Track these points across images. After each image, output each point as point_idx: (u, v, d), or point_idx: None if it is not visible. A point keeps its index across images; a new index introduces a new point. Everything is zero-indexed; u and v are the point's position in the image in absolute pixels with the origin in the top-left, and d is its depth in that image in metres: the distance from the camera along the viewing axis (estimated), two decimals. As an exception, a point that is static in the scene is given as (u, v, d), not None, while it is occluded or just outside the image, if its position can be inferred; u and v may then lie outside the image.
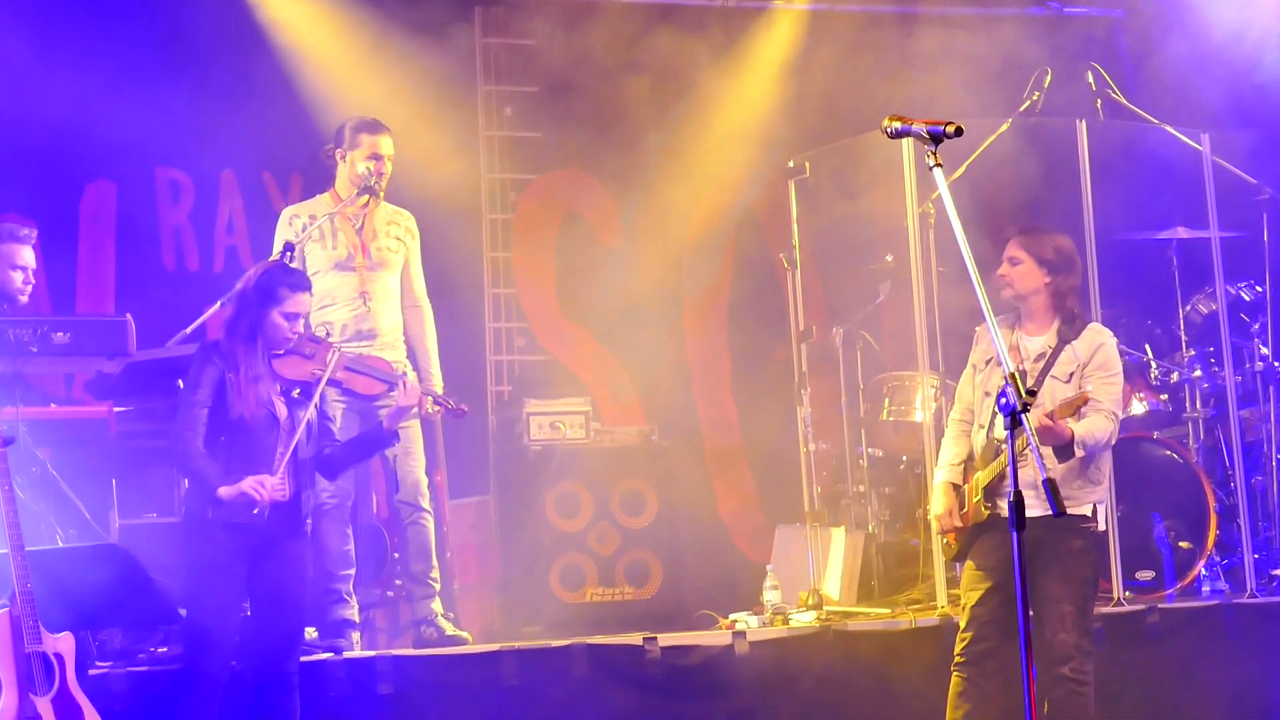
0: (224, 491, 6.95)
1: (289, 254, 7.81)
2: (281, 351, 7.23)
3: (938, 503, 7.33)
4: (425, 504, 8.62)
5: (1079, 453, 6.92)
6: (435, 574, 8.62)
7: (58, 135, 9.87)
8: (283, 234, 8.54)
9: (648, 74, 10.98)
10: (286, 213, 8.64)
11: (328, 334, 8.29)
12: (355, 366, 7.45)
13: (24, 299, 8.37)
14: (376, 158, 8.59)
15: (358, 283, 8.51)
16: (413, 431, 8.62)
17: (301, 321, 7.27)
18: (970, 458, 7.25)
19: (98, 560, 6.95)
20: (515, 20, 11.26)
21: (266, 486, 6.95)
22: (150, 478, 8.77)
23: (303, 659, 7.88)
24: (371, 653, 8.29)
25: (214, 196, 10.56)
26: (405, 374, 7.36)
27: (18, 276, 8.33)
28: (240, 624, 7.34)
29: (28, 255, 8.37)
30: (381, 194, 8.64)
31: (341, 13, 10.60)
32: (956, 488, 7.28)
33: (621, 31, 10.85)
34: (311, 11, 10.54)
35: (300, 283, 7.24)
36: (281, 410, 7.18)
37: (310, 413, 7.24)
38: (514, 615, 9.58)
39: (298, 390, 7.26)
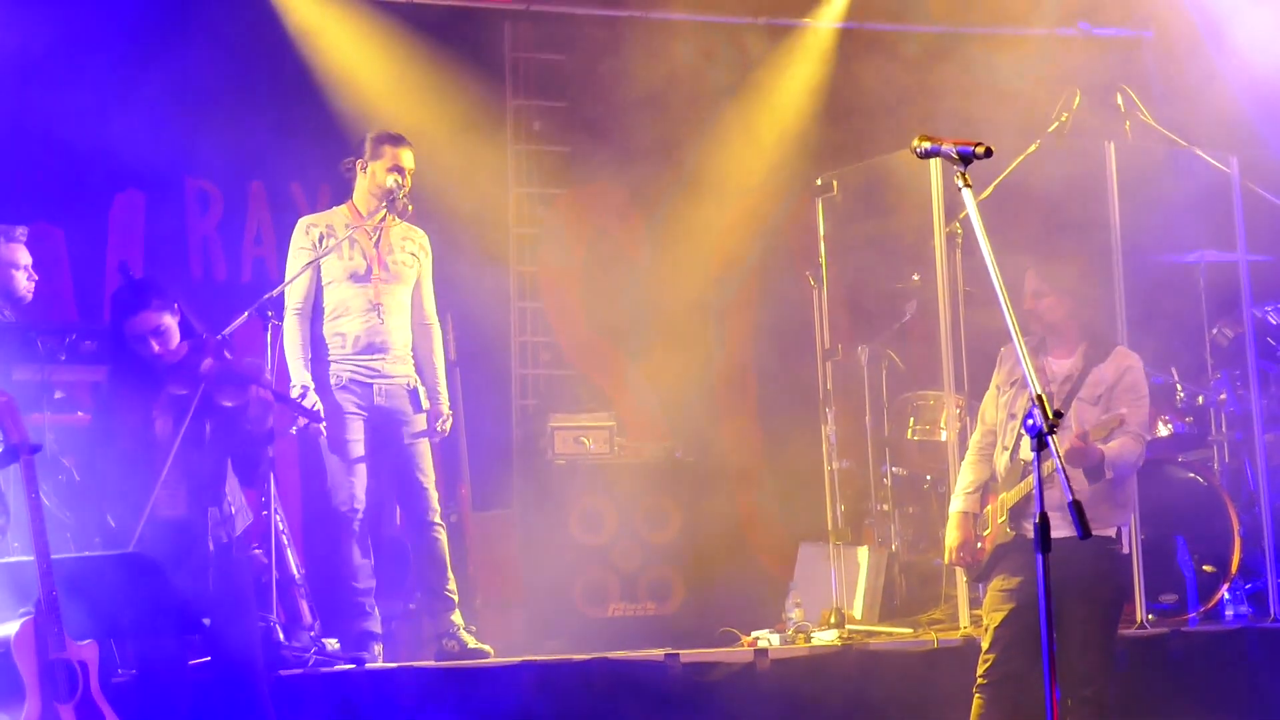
0: None
1: (123, 273, 7.66)
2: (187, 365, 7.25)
3: (952, 535, 7.33)
4: (436, 518, 8.61)
5: (1108, 474, 6.92)
6: (452, 586, 8.61)
7: (88, 145, 9.89)
8: (298, 242, 8.57)
9: (677, 90, 10.98)
10: (303, 222, 8.65)
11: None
12: (225, 377, 7.32)
13: (29, 298, 8.44)
14: (399, 170, 8.59)
15: (372, 295, 8.52)
16: (422, 446, 8.64)
17: (156, 339, 7.16)
18: (990, 480, 7.25)
19: (122, 569, 6.97)
20: (545, 35, 11.29)
21: None
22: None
23: (324, 670, 7.93)
24: (394, 664, 8.32)
25: (242, 207, 10.58)
26: (257, 391, 7.28)
27: (20, 276, 8.41)
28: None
29: (24, 254, 8.43)
30: (401, 207, 8.63)
31: (372, 26, 10.62)
32: (971, 517, 7.28)
33: (651, 47, 10.86)
34: (342, 24, 10.57)
35: (134, 304, 7.19)
36: (164, 431, 7.18)
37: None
38: (536, 629, 9.59)
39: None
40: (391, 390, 8.56)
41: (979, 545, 7.22)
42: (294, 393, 8.35)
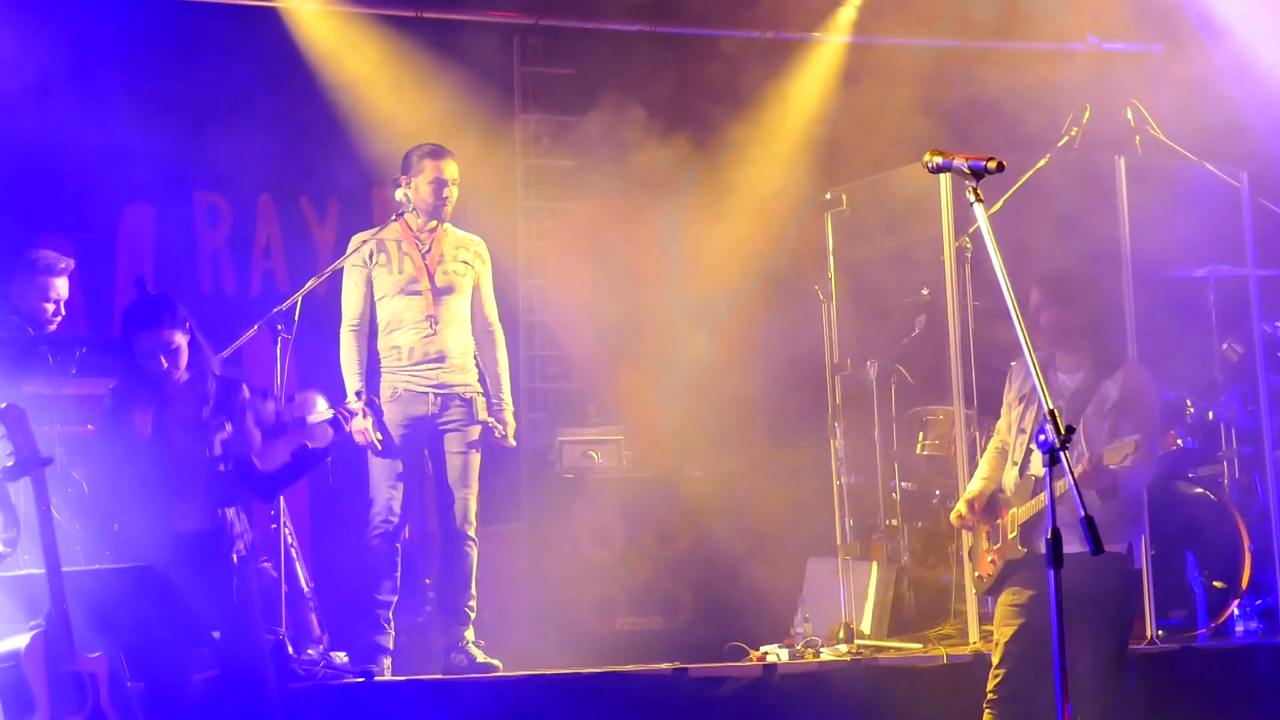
0: None
1: (138, 287, 7.73)
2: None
3: (964, 497, 7.30)
4: (471, 531, 8.63)
5: (1118, 493, 6.90)
6: (473, 603, 8.63)
7: (97, 158, 9.92)
8: (351, 260, 8.60)
9: (686, 105, 10.99)
10: (356, 238, 8.70)
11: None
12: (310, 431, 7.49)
13: (53, 328, 8.45)
14: (440, 182, 8.65)
15: (424, 306, 8.56)
16: (472, 458, 8.65)
17: (166, 356, 7.21)
18: (1000, 492, 7.23)
19: (132, 582, 6.97)
20: (554, 49, 11.29)
21: None
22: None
23: (332, 682, 7.93)
24: (402, 678, 8.31)
25: (251, 221, 10.60)
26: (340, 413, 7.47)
27: (49, 308, 8.44)
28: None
29: (62, 287, 8.46)
30: (447, 217, 8.70)
31: (381, 40, 10.65)
32: (985, 495, 7.24)
33: (660, 62, 10.87)
34: (351, 39, 10.60)
35: (147, 320, 7.22)
36: (183, 443, 7.20)
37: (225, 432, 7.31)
38: (544, 643, 9.56)
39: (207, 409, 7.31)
40: (447, 399, 8.58)
41: (990, 560, 7.21)
42: (349, 402, 8.42)
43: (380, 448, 8.43)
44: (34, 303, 8.38)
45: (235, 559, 7.20)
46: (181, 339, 7.19)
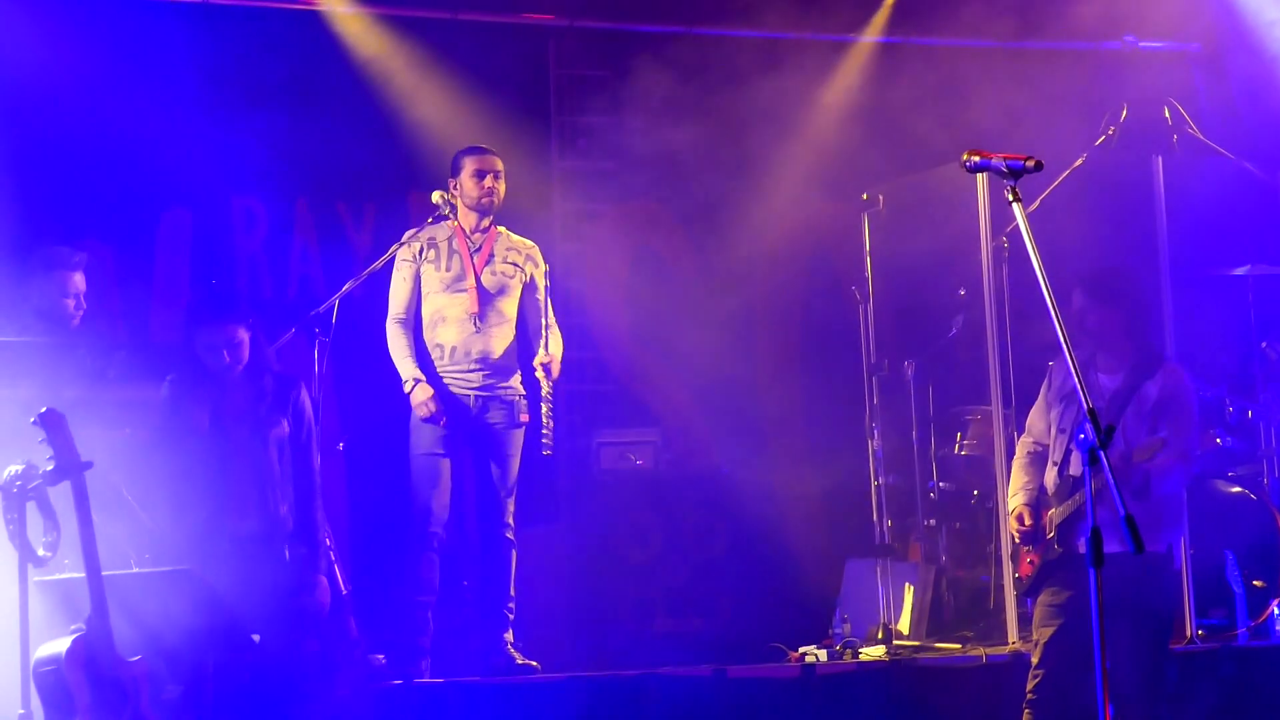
0: None
1: (204, 282, 7.86)
2: None
3: (1014, 518, 7.27)
4: (510, 534, 8.63)
5: (1151, 491, 6.87)
6: (513, 605, 8.63)
7: (135, 164, 9.95)
8: (401, 255, 8.64)
9: (722, 106, 10.97)
10: (407, 235, 8.70)
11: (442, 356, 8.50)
12: None
13: (75, 323, 8.48)
14: (480, 172, 8.68)
15: (468, 304, 8.57)
16: (511, 461, 8.65)
17: (229, 351, 7.33)
18: (1041, 493, 7.21)
19: (172, 585, 7.00)
20: (590, 52, 11.28)
21: None
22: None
23: (371, 685, 7.95)
24: (441, 680, 8.32)
25: (288, 225, 10.61)
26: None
27: (69, 304, 8.45)
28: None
29: (78, 281, 8.48)
30: (493, 210, 8.74)
31: (416, 45, 10.65)
32: (1030, 507, 7.23)
33: (695, 63, 10.85)
34: (386, 44, 10.60)
35: (213, 314, 7.40)
36: (239, 436, 7.25)
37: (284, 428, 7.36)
38: (582, 645, 9.58)
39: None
40: (488, 401, 8.58)
41: (1029, 561, 7.19)
42: (406, 388, 8.50)
43: (436, 414, 8.44)
44: (54, 300, 8.40)
45: (288, 555, 7.26)
46: (244, 334, 7.28)
